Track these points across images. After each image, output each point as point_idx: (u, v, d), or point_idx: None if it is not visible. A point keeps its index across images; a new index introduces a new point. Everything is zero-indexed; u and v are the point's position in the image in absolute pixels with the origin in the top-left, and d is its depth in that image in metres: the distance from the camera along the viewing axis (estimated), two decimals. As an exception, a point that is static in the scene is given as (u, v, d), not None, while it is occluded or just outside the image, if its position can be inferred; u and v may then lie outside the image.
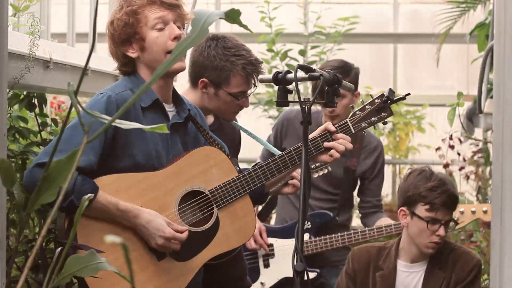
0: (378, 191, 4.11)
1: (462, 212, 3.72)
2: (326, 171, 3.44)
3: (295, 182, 3.09)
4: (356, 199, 4.20)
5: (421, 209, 3.23)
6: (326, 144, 2.83)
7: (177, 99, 2.86)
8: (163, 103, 2.79)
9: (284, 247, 3.99)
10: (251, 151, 6.87)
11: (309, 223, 3.99)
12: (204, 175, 2.77)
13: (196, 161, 2.77)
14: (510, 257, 1.97)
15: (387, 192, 7.13)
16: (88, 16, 5.50)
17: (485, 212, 3.72)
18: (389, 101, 2.86)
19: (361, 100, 2.92)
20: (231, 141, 3.34)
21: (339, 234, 3.85)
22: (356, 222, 5.23)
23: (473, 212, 3.72)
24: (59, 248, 2.46)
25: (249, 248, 3.99)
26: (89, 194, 1.65)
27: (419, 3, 7.62)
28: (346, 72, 3.89)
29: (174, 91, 2.87)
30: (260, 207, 4.18)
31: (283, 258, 3.99)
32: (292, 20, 7.05)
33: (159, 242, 2.64)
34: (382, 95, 2.87)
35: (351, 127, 2.86)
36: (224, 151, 2.85)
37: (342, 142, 2.83)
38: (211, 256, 2.77)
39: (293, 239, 3.97)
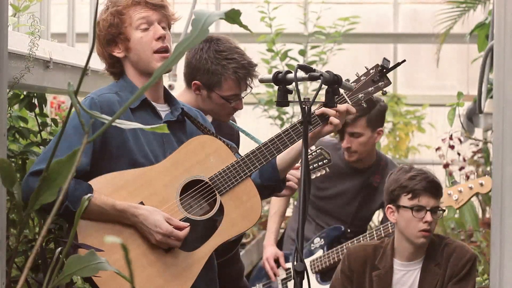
0: None
1: (460, 191, 3.71)
2: (324, 172, 3.44)
3: (292, 184, 3.08)
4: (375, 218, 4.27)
5: (405, 200, 3.25)
6: (317, 111, 2.78)
7: (169, 98, 2.85)
8: (154, 102, 2.78)
9: None
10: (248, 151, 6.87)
11: (322, 240, 4.04)
12: (202, 163, 2.75)
13: (192, 151, 2.75)
14: (510, 257, 1.97)
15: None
16: (88, 16, 5.50)
17: (481, 184, 3.71)
18: (384, 70, 2.84)
19: (356, 72, 2.90)
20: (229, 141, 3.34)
21: (349, 242, 3.87)
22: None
23: (471, 188, 3.72)
24: (59, 248, 2.46)
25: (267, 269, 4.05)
26: (89, 195, 1.65)
27: (419, 3, 7.63)
28: (369, 106, 3.87)
29: (166, 90, 2.87)
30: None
31: None
32: (292, 20, 7.06)
33: (157, 238, 2.63)
34: (377, 65, 2.86)
35: (347, 99, 2.83)
36: (219, 139, 2.83)
37: (335, 108, 2.76)
38: (219, 243, 2.72)
39: (309, 258, 4.02)
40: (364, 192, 4.11)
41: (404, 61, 2.84)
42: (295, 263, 2.35)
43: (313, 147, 3.40)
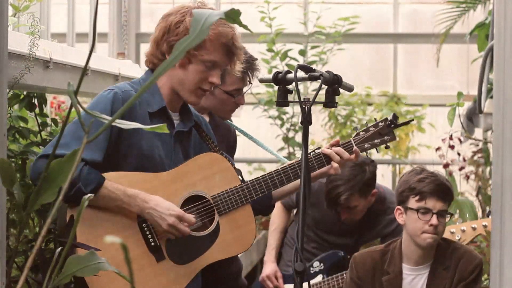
0: None
1: (463, 230, 3.74)
2: None
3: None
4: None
5: (412, 201, 3.25)
6: (324, 151, 2.87)
7: (184, 108, 2.86)
8: (170, 110, 2.79)
9: None
10: (247, 151, 6.87)
11: (321, 264, 4.05)
12: (207, 180, 2.78)
13: (201, 166, 2.78)
14: (510, 257, 1.97)
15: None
16: (88, 16, 5.50)
17: (485, 226, 3.75)
18: (392, 125, 2.91)
19: (365, 122, 2.98)
20: (226, 141, 3.34)
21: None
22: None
23: (474, 229, 3.75)
24: (59, 248, 2.46)
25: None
26: (89, 194, 1.65)
27: (419, 3, 7.62)
28: (359, 176, 3.98)
29: (184, 102, 2.86)
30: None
31: None
32: (292, 20, 7.05)
33: (170, 221, 2.63)
34: (386, 119, 2.93)
35: (354, 146, 2.90)
36: (229, 160, 2.86)
37: (339, 151, 2.87)
38: (209, 262, 2.77)
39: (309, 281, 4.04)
40: (367, 218, 4.15)
41: (412, 120, 2.99)
42: (295, 263, 2.35)
43: (311, 147, 3.42)
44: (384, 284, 3.30)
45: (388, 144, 2.93)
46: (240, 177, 2.87)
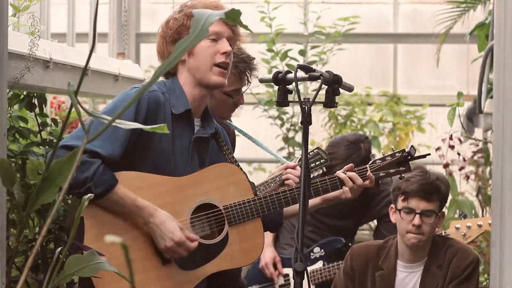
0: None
1: (469, 227, 3.73)
2: (321, 171, 3.44)
3: (290, 183, 3.11)
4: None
5: (399, 201, 3.27)
6: (340, 175, 2.90)
7: (206, 115, 2.85)
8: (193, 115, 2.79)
9: None
10: (247, 151, 6.87)
11: (322, 250, 4.05)
12: (221, 190, 2.78)
13: (216, 176, 2.78)
14: (510, 257, 1.97)
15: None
16: (88, 16, 5.50)
17: (490, 224, 3.75)
18: (409, 157, 2.94)
19: (382, 151, 3.05)
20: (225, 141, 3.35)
21: None
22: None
23: (480, 226, 3.74)
24: (59, 248, 2.46)
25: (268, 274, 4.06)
26: (89, 194, 1.65)
27: (419, 3, 7.62)
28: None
29: (206, 107, 2.86)
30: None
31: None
32: (292, 20, 7.05)
33: (168, 245, 2.64)
34: (403, 150, 2.96)
35: (369, 172, 2.93)
36: (244, 173, 2.86)
37: (353, 177, 2.90)
38: (215, 270, 2.77)
39: (309, 268, 4.03)
40: (364, 199, 4.13)
41: (429, 154, 3.01)
42: (295, 263, 2.35)
43: (311, 147, 3.42)
44: (376, 279, 3.31)
45: (403, 175, 2.95)
46: (253, 190, 2.88)
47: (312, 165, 3.40)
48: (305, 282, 2.43)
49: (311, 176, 3.44)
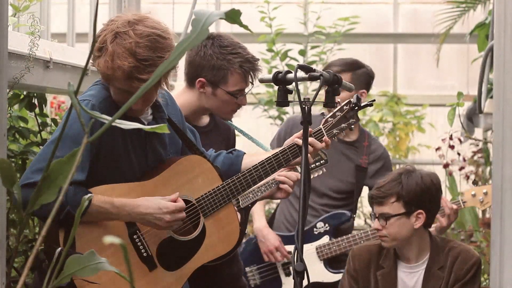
0: None
1: (485, 193, 3.72)
2: (321, 172, 3.44)
3: (286, 187, 3.10)
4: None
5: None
6: (298, 142, 2.89)
7: (156, 105, 2.78)
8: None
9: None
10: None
11: (326, 225, 4.02)
12: (190, 184, 2.78)
13: (182, 171, 2.78)
14: (510, 257, 1.97)
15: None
16: (88, 16, 5.50)
17: (485, 194, 3.73)
18: (356, 108, 2.95)
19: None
20: (226, 141, 3.35)
21: (361, 231, 3.88)
22: (357, 222, 5.23)
23: (474, 195, 3.73)
24: (59, 248, 2.46)
25: (276, 261, 4.01)
26: (89, 194, 1.65)
27: (419, 3, 7.63)
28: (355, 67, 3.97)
29: (155, 100, 2.78)
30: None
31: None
32: (292, 20, 7.06)
33: (167, 219, 2.63)
34: (349, 101, 2.96)
35: (325, 134, 2.94)
36: (205, 157, 2.85)
37: (312, 142, 2.90)
38: (199, 264, 2.77)
39: (314, 243, 4.00)
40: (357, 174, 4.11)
41: (374, 100, 3.03)
42: (295, 263, 2.35)
43: (310, 147, 3.41)
44: (378, 278, 3.32)
45: (352, 127, 2.98)
46: (219, 174, 2.87)
47: (312, 165, 3.39)
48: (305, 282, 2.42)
49: (312, 176, 3.43)
